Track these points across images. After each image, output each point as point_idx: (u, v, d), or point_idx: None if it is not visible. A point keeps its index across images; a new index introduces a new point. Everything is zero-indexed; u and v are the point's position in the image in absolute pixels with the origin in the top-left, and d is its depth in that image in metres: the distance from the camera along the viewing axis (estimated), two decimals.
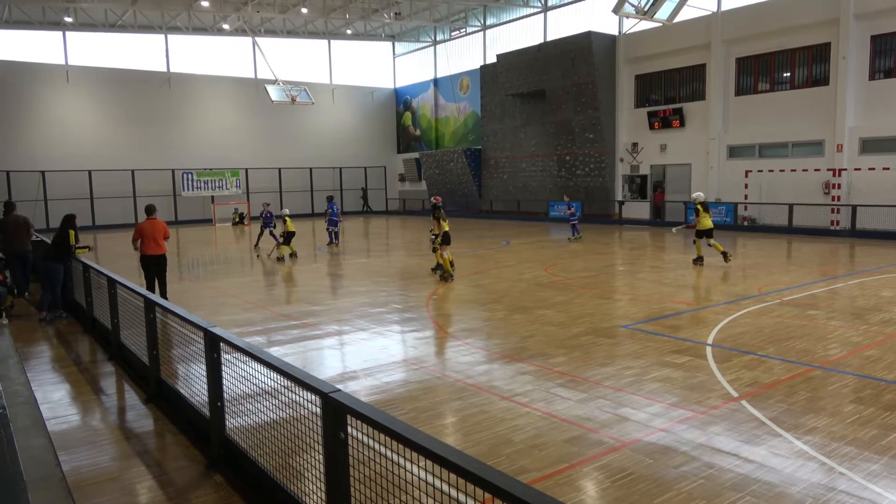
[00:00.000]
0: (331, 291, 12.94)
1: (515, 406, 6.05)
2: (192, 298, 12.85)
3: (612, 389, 6.44)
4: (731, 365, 7.18)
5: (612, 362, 7.41)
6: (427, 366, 7.48)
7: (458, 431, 5.58)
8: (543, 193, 32.92)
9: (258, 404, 4.36)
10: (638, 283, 13.27)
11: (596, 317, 9.88)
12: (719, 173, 26.11)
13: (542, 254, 18.60)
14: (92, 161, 33.98)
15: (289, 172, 40.05)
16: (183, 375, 5.97)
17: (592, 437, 5.32)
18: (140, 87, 35.42)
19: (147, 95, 35.65)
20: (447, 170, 37.94)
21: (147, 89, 35.65)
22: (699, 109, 26.75)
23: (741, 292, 11.67)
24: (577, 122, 30.09)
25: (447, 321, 9.93)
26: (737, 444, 5.11)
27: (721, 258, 15.23)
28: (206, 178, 36.66)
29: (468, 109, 39.06)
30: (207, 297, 13.14)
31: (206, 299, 12.94)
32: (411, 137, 44.21)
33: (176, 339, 6.05)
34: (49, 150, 33.30)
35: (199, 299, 12.95)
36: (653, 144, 28.53)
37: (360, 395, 6.40)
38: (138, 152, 35.28)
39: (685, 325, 9.35)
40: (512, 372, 7.15)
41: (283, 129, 40.07)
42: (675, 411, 5.81)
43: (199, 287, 14.04)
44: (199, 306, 11.97)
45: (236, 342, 4.39)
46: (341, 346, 8.88)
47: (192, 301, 12.42)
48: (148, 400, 6.46)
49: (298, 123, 40.59)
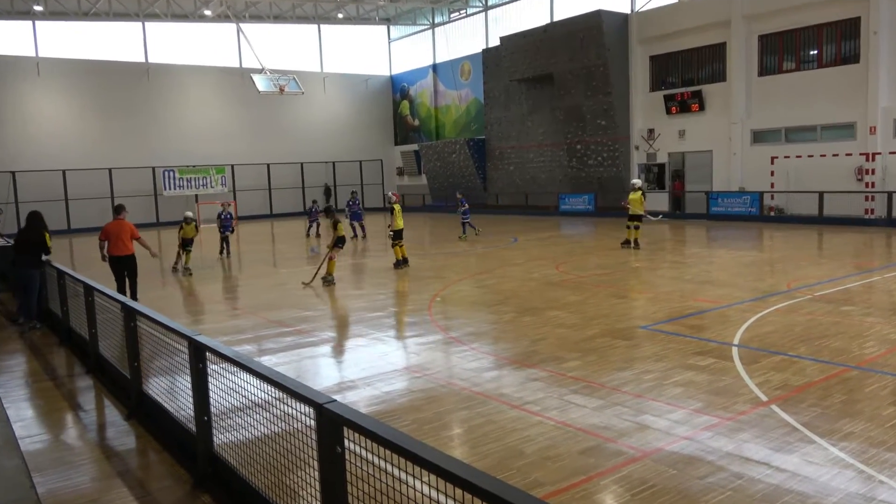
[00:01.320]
0: (325, 295, 12.94)
1: (526, 415, 6.03)
2: (175, 305, 12.86)
3: (631, 395, 6.42)
4: (760, 367, 7.15)
5: (630, 366, 7.39)
6: (430, 373, 7.48)
7: (464, 443, 5.56)
8: (553, 185, 32.89)
9: (248, 418, 4.35)
10: (657, 280, 13.25)
11: (612, 317, 9.86)
12: (743, 160, 26.06)
13: (553, 250, 18.58)
14: (66, 160, 34.06)
15: (278, 168, 40.10)
16: (167, 388, 5.97)
17: (610, 447, 5.30)
18: (117, 80, 35.50)
19: (124, 88, 35.73)
20: (449, 162, 37.96)
21: (124, 82, 35.73)
22: (720, 92, 26.70)
23: (769, 288, 11.64)
24: (588, 108, 30.06)
25: (451, 325, 9.92)
26: (767, 452, 5.08)
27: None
28: (189, 176, 36.73)
29: (470, 97, 39.06)
30: (192, 303, 13.15)
31: (190, 305, 12.96)
32: (409, 128, 44.22)
33: (159, 350, 6.04)
34: (19, 148, 33.40)
35: (184, 306, 12.97)
36: (670, 130, 28.48)
37: (358, 405, 6.39)
38: (115, 149, 35.36)
39: (709, 324, 9.32)
40: (522, 378, 7.13)
41: (271, 122, 40.12)
42: (700, 418, 5.79)
43: (183, 293, 14.05)
44: (183, 313, 11.98)
45: (223, 351, 4.38)
46: (337, 353, 8.88)
47: (175, 308, 12.43)
48: (129, 415, 6.46)
49: (288, 115, 40.64)
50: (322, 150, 41.78)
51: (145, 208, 35.72)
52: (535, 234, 22.95)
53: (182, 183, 36.48)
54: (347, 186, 42.44)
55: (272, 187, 39.92)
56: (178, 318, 11.08)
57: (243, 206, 38.28)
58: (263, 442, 4.18)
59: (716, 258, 15.78)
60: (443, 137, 40.94)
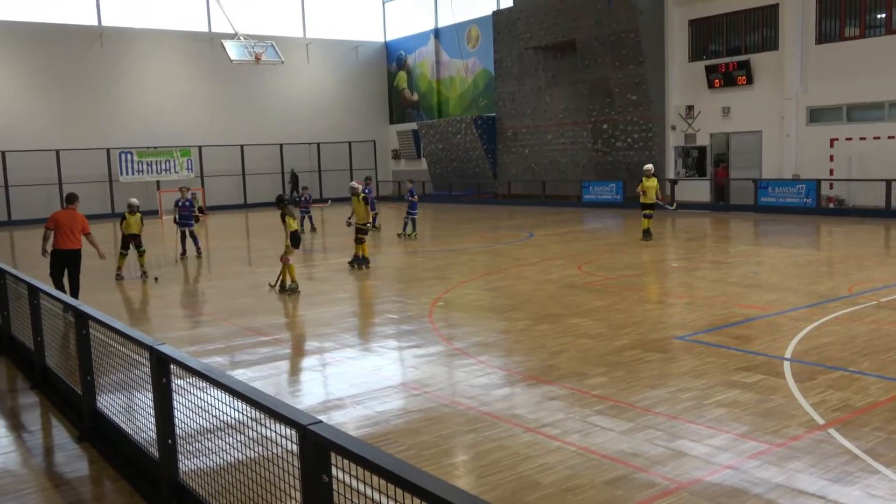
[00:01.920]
0: (309, 299, 12.97)
1: (543, 440, 6.05)
2: (134, 310, 12.90)
3: (666, 417, 6.44)
4: (816, 384, 7.16)
5: (664, 383, 7.40)
6: (431, 390, 7.50)
7: (471, 472, 5.58)
8: (575, 172, 32.87)
9: (220, 441, 4.37)
10: (696, 282, 13.25)
11: (643, 326, 9.87)
12: (797, 143, 26.03)
13: (575, 247, 18.58)
14: (4, 141, 34.11)
15: (254, 150, 40.13)
16: (125, 407, 6.00)
17: (640, 477, 5.31)
18: (64, 47, 35.54)
19: (73, 56, 35.77)
20: (453, 144, 37.96)
21: (73, 49, 35.77)
22: (771, 62, 26.65)
23: (827, 292, 11.64)
24: (617, 81, 30.02)
25: (456, 334, 9.94)
26: (824, 483, 5.10)
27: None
28: (150, 159, 36.79)
29: (478, 67, 39.03)
30: (154, 307, 13.19)
31: (152, 311, 12.99)
32: (407, 103, 44.22)
33: (115, 362, 6.08)
34: None
35: (144, 311, 13.01)
36: (713, 107, 28.44)
37: (347, 427, 6.42)
38: (64, 128, 35.41)
39: (757, 334, 9.33)
40: (538, 397, 7.15)
41: (245, 97, 40.14)
42: (746, 444, 5.81)
43: (142, 296, 14.10)
44: (143, 319, 12.03)
45: (190, 364, 4.40)
46: (323, 367, 8.90)
47: (134, 313, 12.47)
48: (81, 437, 6.50)
49: (265, 88, 40.66)
50: (305, 129, 41.78)
51: (99, 196, 35.73)
52: (554, 229, 22.96)
53: (141, 167, 36.52)
54: (335, 172, 42.48)
55: (246, 172, 39.95)
56: (137, 325, 11.13)
57: (213, 194, 38.30)
58: (237, 469, 4.20)
59: (765, 257, 15.77)
60: (446, 115, 40.92)
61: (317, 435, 3.11)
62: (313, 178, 42.24)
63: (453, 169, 38.66)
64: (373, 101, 44.79)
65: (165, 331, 10.79)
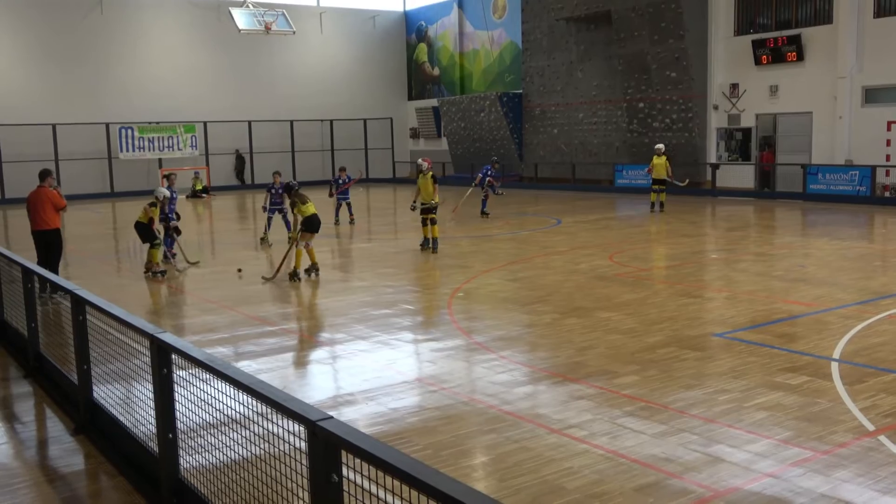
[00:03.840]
0: (320, 287, 13.02)
1: (569, 442, 6.06)
2: (134, 296, 13.02)
3: (702, 420, 6.42)
4: (866, 387, 7.11)
5: (701, 384, 7.38)
6: (449, 387, 7.52)
7: (491, 475, 5.60)
8: (609, 154, 32.71)
9: (223, 437, 4.41)
10: (738, 275, 13.18)
11: (679, 322, 9.84)
12: (851, 125, 25.72)
13: (606, 236, 18.52)
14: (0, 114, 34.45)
15: (262, 127, 40.22)
16: (123, 398, 6.06)
17: (673, 484, 5.31)
18: (62, 15, 35.75)
19: (71, 24, 35.98)
20: (476, 122, 37.87)
21: (72, 17, 35.97)
22: (824, 37, 26.31)
23: (880, 289, 11.53)
24: (655, 57, 29.79)
25: (476, 327, 9.95)
26: (873, 494, 5.07)
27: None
28: (152, 136, 37.00)
29: (505, 39, 38.86)
30: (155, 293, 13.30)
31: (152, 297, 13.10)
32: (427, 78, 44.13)
33: (114, 350, 6.14)
34: None
35: (145, 297, 13.12)
36: (759, 86, 28.16)
37: (358, 424, 6.45)
38: (60, 101, 35.65)
39: (802, 332, 9.26)
40: (564, 396, 7.15)
41: (253, 69, 40.22)
42: (789, 450, 5.78)
43: (143, 281, 14.22)
44: (144, 306, 12.14)
45: (193, 354, 4.43)
46: (333, 360, 8.94)
47: (134, 299, 12.58)
48: (77, 430, 6.58)
49: (275, 61, 40.70)
50: (317, 105, 41.81)
51: (97, 175, 36.03)
52: (584, 215, 22.88)
53: (142, 144, 36.74)
54: (348, 151, 42.46)
55: (254, 151, 40.08)
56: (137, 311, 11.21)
57: (218, 173, 38.52)
58: (241, 467, 4.23)
59: (813, 249, 15.64)
60: (469, 91, 40.81)
61: (327, 431, 3.12)
62: (325, 157, 42.30)
63: (476, 149, 38.55)
64: (390, 75, 44.70)
65: (167, 318, 10.88)
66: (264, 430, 3.91)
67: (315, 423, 3.19)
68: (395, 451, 2.86)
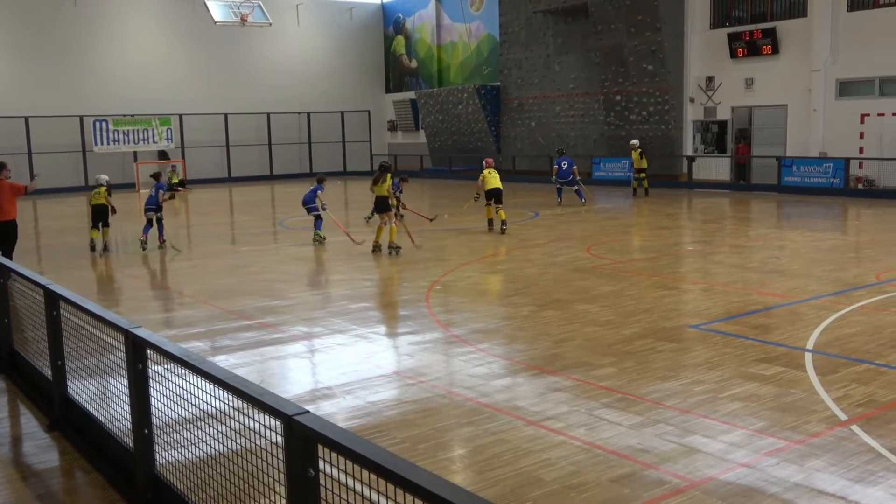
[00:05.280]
0: (297, 281, 12.99)
1: (546, 433, 6.08)
2: (109, 290, 12.92)
3: (678, 411, 6.47)
4: (839, 378, 7.19)
5: (676, 375, 7.43)
6: (427, 380, 7.52)
7: (468, 467, 5.62)
8: (586, 147, 32.80)
9: (199, 432, 4.39)
10: (713, 267, 13.27)
11: (655, 314, 9.89)
12: (825, 118, 25.95)
13: (584, 228, 18.58)
14: None
15: (239, 120, 39.98)
16: (98, 394, 6.02)
17: (650, 474, 5.35)
18: (36, 6, 35.28)
19: (45, 17, 35.54)
20: (453, 115, 37.85)
21: (45, 8, 35.52)
22: (798, 30, 26.51)
23: (853, 280, 11.65)
24: (632, 49, 29.89)
25: (454, 320, 9.95)
26: (844, 483, 5.13)
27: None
28: (127, 128, 36.67)
29: (482, 32, 38.84)
30: (130, 288, 13.20)
31: (128, 291, 13.01)
32: (405, 71, 44.03)
33: (89, 346, 6.09)
34: None
35: (120, 292, 13.03)
36: (735, 78, 28.33)
37: (336, 418, 6.45)
38: (33, 94, 35.21)
39: (777, 323, 9.35)
40: (541, 388, 7.18)
41: (230, 62, 39.95)
42: (763, 440, 5.84)
43: (118, 275, 14.11)
44: (119, 301, 12.05)
45: (169, 349, 4.41)
46: (311, 353, 8.92)
47: (109, 294, 12.49)
48: (51, 426, 6.52)
49: (251, 53, 40.46)
50: (294, 97, 41.62)
51: (71, 168, 35.66)
52: (561, 208, 22.94)
53: (117, 137, 36.39)
54: (325, 144, 42.32)
55: (230, 144, 39.83)
56: (111, 306, 11.14)
57: (194, 166, 38.23)
58: (218, 462, 4.22)
59: (787, 241, 15.79)
60: (446, 84, 40.76)
61: (303, 426, 3.12)
62: (303, 150, 42.17)
63: (454, 142, 38.54)
64: (368, 67, 44.57)
65: (142, 313, 10.80)
66: (241, 425, 3.89)
67: (291, 418, 3.19)
68: (373, 445, 2.86)
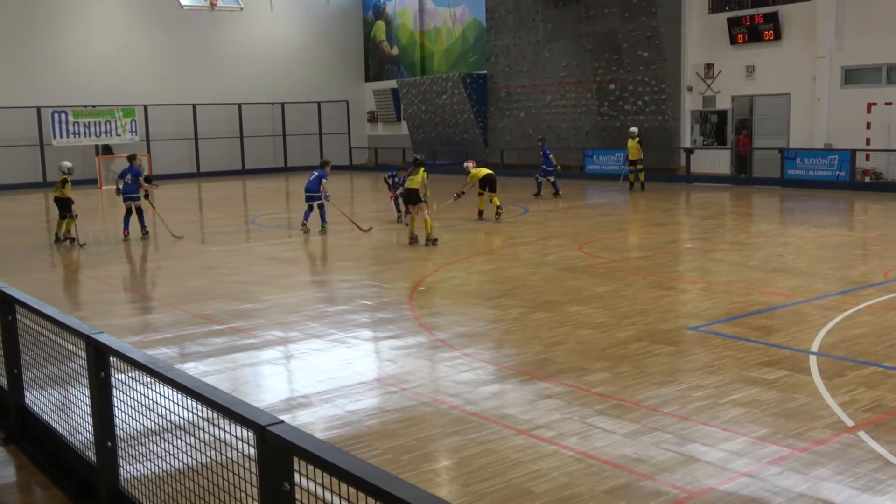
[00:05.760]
0: (271, 283, 12.93)
1: (537, 443, 6.09)
2: (69, 294, 12.84)
3: (676, 418, 6.49)
4: (845, 381, 7.23)
5: (674, 380, 7.46)
6: (410, 387, 7.51)
7: (454, 480, 5.61)
8: (578, 139, 32.86)
9: (167, 444, 4.36)
10: (713, 265, 13.32)
11: (652, 315, 9.92)
12: (830, 108, 26.10)
13: (576, 225, 18.61)
14: None
15: (208, 111, 39.79)
16: (58, 404, 5.98)
17: (646, 485, 5.36)
18: None
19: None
20: (438, 105, 37.82)
21: None
22: (802, 14, 26.65)
23: (860, 278, 11.73)
24: (627, 35, 29.96)
25: (439, 323, 9.95)
26: (852, 492, 5.17)
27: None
28: (88, 120, 36.41)
29: (468, 17, 38.84)
30: (92, 291, 13.13)
31: (90, 294, 12.93)
32: (386, 58, 43.98)
33: (48, 353, 6.05)
34: None
35: (81, 295, 12.94)
36: (735, 66, 28.44)
37: (313, 428, 6.44)
38: None
39: (780, 325, 9.40)
40: (532, 395, 7.18)
41: (198, 49, 39.75)
42: (765, 448, 5.87)
43: (80, 277, 14.02)
44: (80, 304, 11.97)
45: (133, 356, 4.39)
46: (286, 360, 8.90)
47: (69, 297, 12.41)
48: (7, 440, 6.47)
49: (221, 40, 40.27)
50: (268, 87, 41.44)
51: (28, 162, 35.36)
52: (552, 204, 22.98)
53: (77, 129, 36.12)
54: (301, 137, 42.19)
55: (199, 136, 39.65)
56: (72, 310, 11.07)
57: (160, 160, 38.01)
58: (186, 476, 4.20)
59: (791, 238, 15.87)
60: (430, 72, 40.74)
61: (277, 437, 3.11)
62: (277, 142, 42.03)
63: (438, 134, 38.50)
64: (346, 55, 44.45)
65: (105, 318, 10.73)
66: (211, 437, 3.88)
67: (265, 429, 3.18)
68: (352, 457, 2.85)
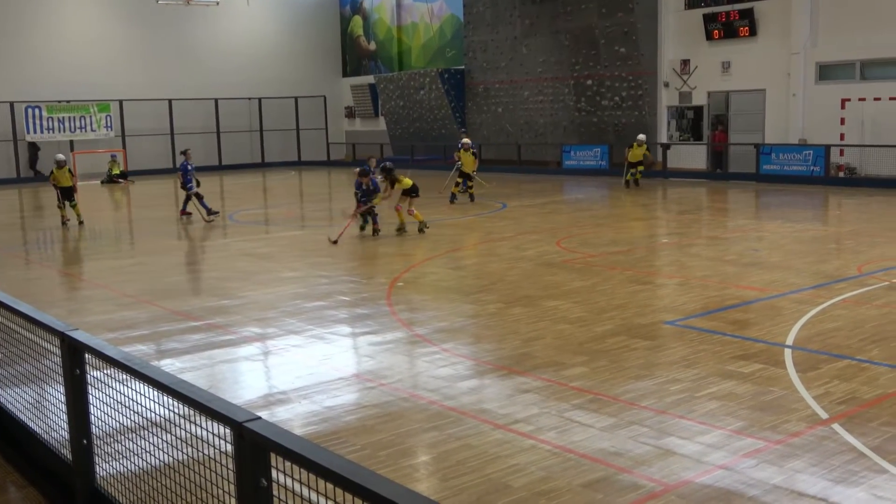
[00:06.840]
0: (248, 279, 12.88)
1: (515, 437, 6.11)
2: (44, 290, 12.72)
3: (653, 412, 6.53)
4: (820, 374, 7.31)
5: (651, 374, 7.50)
6: (389, 382, 7.51)
7: (432, 475, 5.62)
8: (555, 134, 32.93)
9: (143, 442, 4.34)
10: (689, 260, 13.40)
11: (629, 310, 9.97)
12: (805, 103, 26.28)
13: (554, 220, 18.65)
14: None
15: (184, 106, 39.51)
16: (32, 403, 5.93)
17: (623, 478, 5.39)
18: None
19: None
20: (415, 101, 37.78)
21: None
22: (777, 11, 26.81)
23: (834, 272, 11.84)
24: (604, 31, 30.05)
25: (417, 318, 9.95)
26: (826, 484, 5.22)
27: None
28: (62, 115, 36.11)
29: (445, 12, 38.80)
30: (67, 288, 13.02)
31: (64, 291, 12.82)
32: (363, 54, 43.86)
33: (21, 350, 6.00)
34: None
35: (55, 292, 12.83)
36: (711, 62, 28.58)
37: (291, 425, 6.42)
38: None
39: (755, 319, 9.48)
40: (510, 389, 7.20)
41: (174, 44, 39.47)
42: (741, 441, 5.91)
43: (53, 274, 13.90)
44: (54, 302, 11.86)
45: (109, 353, 4.36)
46: (264, 356, 8.87)
47: (44, 294, 12.29)
48: None
49: (197, 34, 40.02)
50: (244, 82, 41.23)
51: (1, 159, 35.00)
52: (530, 199, 23.01)
53: (52, 124, 35.83)
54: (278, 133, 42.01)
55: (175, 132, 39.36)
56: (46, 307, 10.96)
57: (136, 156, 37.73)
58: (163, 473, 4.18)
59: (766, 232, 15.98)
60: (408, 67, 40.67)
61: (254, 433, 3.10)
62: (254, 138, 41.83)
63: (416, 130, 38.46)
64: (323, 50, 44.30)
65: (81, 315, 10.65)
66: (188, 434, 3.86)
67: (241, 425, 3.17)
68: (329, 453, 2.85)
